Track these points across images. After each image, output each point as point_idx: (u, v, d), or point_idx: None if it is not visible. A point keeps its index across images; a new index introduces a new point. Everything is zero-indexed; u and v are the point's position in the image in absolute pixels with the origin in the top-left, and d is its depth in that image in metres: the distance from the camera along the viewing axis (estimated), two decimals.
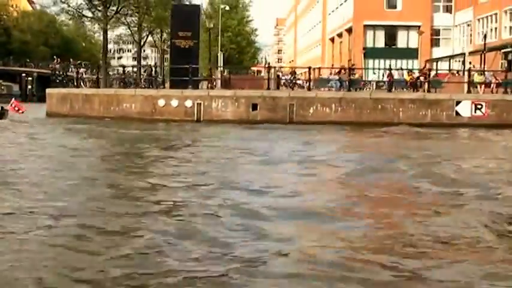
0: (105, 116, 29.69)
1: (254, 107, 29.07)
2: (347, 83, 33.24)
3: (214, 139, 21.16)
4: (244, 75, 53.81)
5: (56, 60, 42.01)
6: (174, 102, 29.08)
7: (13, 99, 32.91)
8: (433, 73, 37.84)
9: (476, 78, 34.36)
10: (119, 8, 42.26)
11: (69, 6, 41.67)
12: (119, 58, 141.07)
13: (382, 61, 63.09)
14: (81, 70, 34.99)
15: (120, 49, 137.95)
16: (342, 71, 36.49)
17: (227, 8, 72.70)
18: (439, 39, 66.72)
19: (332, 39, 77.96)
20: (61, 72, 35.34)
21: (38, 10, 69.56)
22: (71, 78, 34.62)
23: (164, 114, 29.10)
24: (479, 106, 29.57)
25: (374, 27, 66.69)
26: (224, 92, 29.63)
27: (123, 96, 30.10)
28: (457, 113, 29.47)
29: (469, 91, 31.42)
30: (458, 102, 29.56)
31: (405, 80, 35.53)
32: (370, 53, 65.83)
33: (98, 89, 32.40)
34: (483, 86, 33.95)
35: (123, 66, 38.08)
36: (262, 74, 49.98)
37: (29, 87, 74.04)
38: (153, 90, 30.99)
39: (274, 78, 35.12)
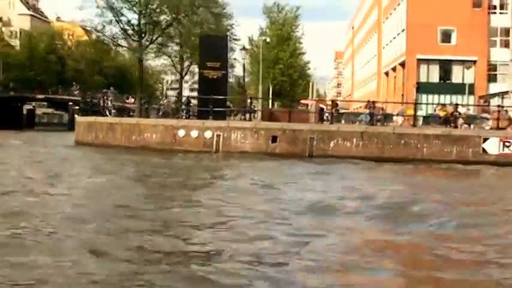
0: (126, 145, 29.85)
1: (274, 139, 28.73)
2: (377, 117, 32.79)
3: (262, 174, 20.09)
4: (287, 108, 53.53)
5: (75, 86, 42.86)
6: (194, 133, 29.05)
7: None
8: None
9: None
10: (154, 38, 42.85)
11: (104, 35, 42.47)
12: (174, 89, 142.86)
13: (436, 96, 61.97)
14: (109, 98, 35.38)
15: (176, 80, 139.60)
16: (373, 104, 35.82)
17: (267, 39, 72.81)
18: (496, 74, 65.10)
19: (387, 73, 77.13)
20: (90, 101, 35.89)
21: (93, 39, 70.93)
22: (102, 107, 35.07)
23: (184, 144, 29.07)
24: (507, 144, 28.43)
25: (428, 61, 65.70)
26: (244, 123, 29.48)
27: (144, 125, 30.29)
28: (484, 150, 28.38)
29: (499, 128, 30.25)
30: (485, 139, 28.49)
31: (438, 115, 34.63)
32: (424, 87, 64.74)
33: (121, 117, 32.63)
34: None
35: (165, 96, 38.37)
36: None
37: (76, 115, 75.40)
38: (173, 120, 31.06)
39: (316, 111, 34.75)
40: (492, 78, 65.27)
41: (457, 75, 66.65)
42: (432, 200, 13.89)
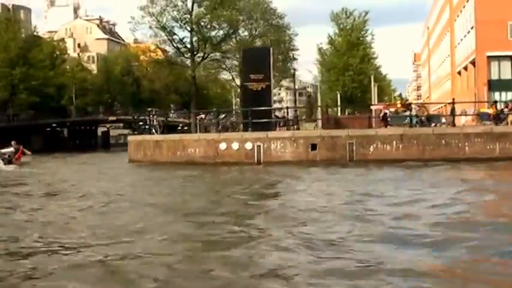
0: (172, 161, 30.68)
1: (313, 147, 28.93)
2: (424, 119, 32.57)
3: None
4: (354, 115, 53.54)
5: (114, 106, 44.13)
6: (235, 145, 29.57)
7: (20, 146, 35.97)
8: None
9: None
10: (206, 54, 43.80)
11: (157, 54, 43.78)
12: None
13: (510, 94, 60.54)
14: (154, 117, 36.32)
15: None
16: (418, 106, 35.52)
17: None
18: None
19: (459, 73, 75.55)
20: (139, 119, 37.06)
21: (153, 58, 72.69)
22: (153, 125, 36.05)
23: (226, 157, 29.62)
24: None
25: (499, 58, 64.02)
26: (282, 133, 29.79)
27: (188, 141, 31.05)
28: None
29: None
30: None
31: (488, 113, 33.92)
32: (496, 85, 63.16)
33: (166, 135, 33.55)
34: None
35: (218, 112, 39.16)
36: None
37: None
38: (215, 134, 31.69)
39: (376, 116, 34.66)
40: None
41: None
42: None
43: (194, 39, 43.51)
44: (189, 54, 43.45)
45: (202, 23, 43.17)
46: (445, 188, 16.79)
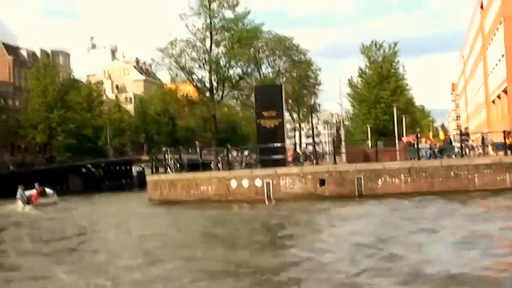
0: (186, 199, 31.13)
1: (322, 182, 29.09)
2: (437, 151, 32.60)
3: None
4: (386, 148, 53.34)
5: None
6: (245, 183, 29.92)
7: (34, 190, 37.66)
8: None
9: None
10: (224, 93, 44.52)
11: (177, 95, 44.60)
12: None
13: None
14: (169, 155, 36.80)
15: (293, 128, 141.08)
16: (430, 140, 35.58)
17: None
18: None
19: (493, 101, 74.67)
20: (156, 158, 37.71)
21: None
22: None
23: (237, 195, 29.97)
24: None
25: None
26: (291, 169, 30.03)
27: (200, 179, 31.49)
28: None
29: None
30: None
31: (503, 143, 33.63)
32: None
33: (181, 173, 34.01)
34: None
35: (237, 149, 39.61)
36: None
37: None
38: (226, 172, 32.05)
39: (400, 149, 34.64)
40: None
41: None
42: None
43: (213, 78, 44.30)
44: (208, 93, 44.17)
45: (221, 62, 43.93)
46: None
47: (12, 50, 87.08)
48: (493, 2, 70.30)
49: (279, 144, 32.83)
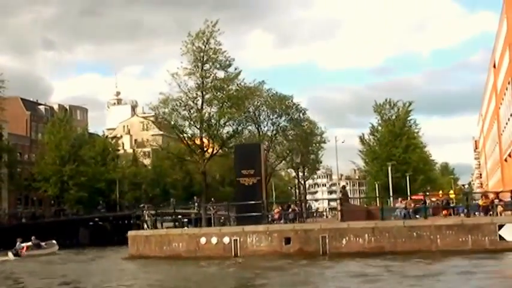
0: (159, 255, 31.65)
1: (287, 240, 29.41)
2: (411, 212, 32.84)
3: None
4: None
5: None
6: (214, 240, 30.37)
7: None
8: None
9: None
10: (214, 151, 45.30)
11: (168, 152, 45.49)
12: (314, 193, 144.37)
13: None
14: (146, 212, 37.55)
15: (315, 184, 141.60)
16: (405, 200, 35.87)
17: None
18: None
19: (506, 160, 74.37)
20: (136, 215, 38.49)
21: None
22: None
23: (206, 251, 30.41)
24: None
25: None
26: (257, 227, 30.31)
27: (173, 235, 32.06)
28: (501, 237, 27.32)
29: None
30: (501, 226, 27.49)
31: (478, 204, 33.82)
32: None
33: (155, 230, 34.62)
34: None
35: (216, 206, 40.24)
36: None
37: None
38: (196, 229, 32.60)
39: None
40: None
41: None
42: None
43: (204, 135, 45.26)
44: (199, 150, 45.11)
45: (213, 121, 44.91)
46: None
47: (31, 105, 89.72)
48: (503, 61, 70.63)
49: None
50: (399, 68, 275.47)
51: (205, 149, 45.45)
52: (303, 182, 76.79)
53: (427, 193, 60.71)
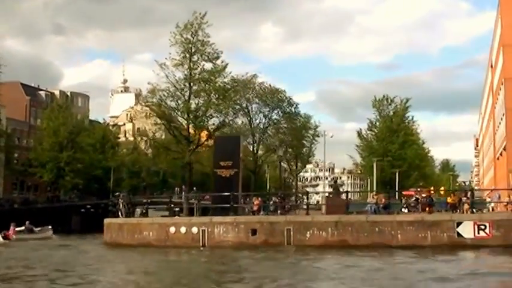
0: (131, 243, 32.39)
1: (253, 232, 30.08)
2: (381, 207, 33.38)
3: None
4: None
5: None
6: (183, 229, 31.08)
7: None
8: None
9: None
10: (199, 143, 46.00)
11: (154, 142, 46.29)
12: (316, 185, 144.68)
13: None
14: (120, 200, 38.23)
15: (317, 177, 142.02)
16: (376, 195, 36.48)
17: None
18: None
19: (498, 159, 74.71)
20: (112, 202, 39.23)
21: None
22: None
23: (175, 240, 31.13)
24: (482, 227, 27.78)
25: None
26: (225, 218, 30.96)
27: (144, 224, 32.80)
28: (459, 234, 27.90)
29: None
30: (459, 223, 28.07)
31: (447, 202, 34.39)
32: None
33: (127, 218, 35.34)
34: None
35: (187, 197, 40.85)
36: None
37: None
38: (167, 218, 33.27)
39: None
40: None
41: None
42: None
43: (190, 126, 45.93)
44: (185, 141, 45.82)
45: (200, 112, 45.57)
46: None
47: (31, 90, 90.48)
48: (498, 62, 70.94)
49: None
50: (408, 64, 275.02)
51: (191, 139, 46.02)
52: (295, 175, 77.42)
53: (418, 189, 61.47)
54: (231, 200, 32.83)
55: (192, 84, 45.49)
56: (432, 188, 59.95)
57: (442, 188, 66.63)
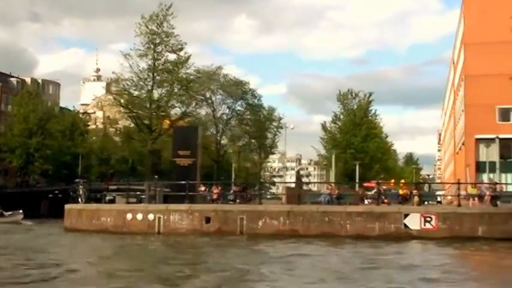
0: (89, 229, 33.08)
1: (207, 220, 30.94)
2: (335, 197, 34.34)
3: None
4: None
5: None
6: (139, 216, 31.84)
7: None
8: None
9: (470, 190, 33.73)
10: (161, 132, 46.79)
11: (117, 130, 46.94)
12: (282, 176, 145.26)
13: (497, 175, 61.24)
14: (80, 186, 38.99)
15: (284, 167, 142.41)
16: (330, 186, 37.55)
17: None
18: None
19: (457, 153, 76.57)
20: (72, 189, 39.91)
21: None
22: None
23: (131, 227, 31.88)
24: (428, 219, 28.92)
25: (487, 140, 64.83)
26: (180, 206, 31.77)
27: (102, 211, 33.50)
28: (406, 226, 29.02)
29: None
30: (406, 215, 29.17)
31: (398, 194, 35.52)
32: (483, 166, 63.97)
33: (86, 204, 36.04)
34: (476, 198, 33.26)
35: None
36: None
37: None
38: (124, 205, 34.02)
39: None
40: None
41: None
42: None
43: (153, 116, 46.65)
44: (147, 130, 46.53)
45: (163, 102, 46.30)
46: None
47: (2, 77, 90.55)
48: (460, 60, 72.64)
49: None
50: (379, 60, 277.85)
51: (153, 128, 46.75)
52: (259, 165, 78.36)
53: (379, 181, 62.53)
54: (187, 189, 33.71)
55: (155, 74, 46.14)
56: (393, 181, 61.49)
57: (403, 181, 68.01)
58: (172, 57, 46.63)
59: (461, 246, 25.46)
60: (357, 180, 63.39)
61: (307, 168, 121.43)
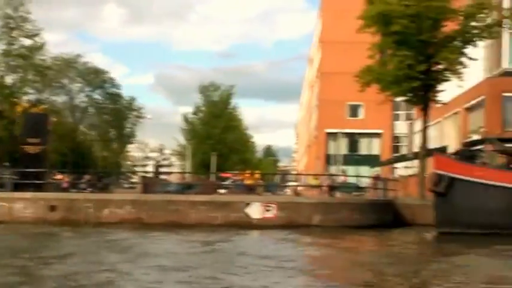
0: None
1: (52, 208, 30.87)
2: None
3: None
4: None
5: None
6: None
7: None
8: None
9: (311, 181, 35.53)
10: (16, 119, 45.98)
11: None
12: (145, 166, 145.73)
13: (345, 167, 64.26)
14: None
15: (146, 157, 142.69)
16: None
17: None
18: (400, 145, 67.31)
19: (309, 146, 79.86)
20: None
21: None
22: None
23: None
24: (268, 208, 30.36)
25: (336, 134, 67.97)
26: (25, 194, 31.53)
27: None
28: (247, 215, 30.31)
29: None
30: (248, 204, 30.47)
31: (244, 184, 36.96)
32: (332, 159, 66.98)
33: None
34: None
35: None
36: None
37: None
38: None
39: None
40: (396, 149, 67.48)
41: (364, 146, 69.11)
42: None
43: (4, 101, 45.78)
44: None
45: (15, 89, 45.52)
46: None
47: None
48: (316, 57, 75.58)
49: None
50: (246, 54, 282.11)
51: (4, 115, 45.77)
52: (118, 154, 78.32)
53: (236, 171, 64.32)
54: (34, 177, 33.47)
55: (9, 59, 45.25)
56: (249, 172, 63.40)
57: (258, 171, 70.25)
58: (28, 42, 45.80)
59: (292, 232, 26.84)
60: (214, 171, 64.75)
61: (170, 158, 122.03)
